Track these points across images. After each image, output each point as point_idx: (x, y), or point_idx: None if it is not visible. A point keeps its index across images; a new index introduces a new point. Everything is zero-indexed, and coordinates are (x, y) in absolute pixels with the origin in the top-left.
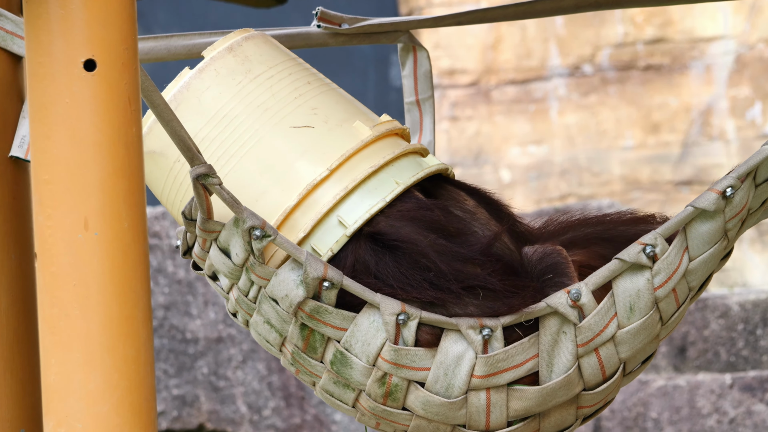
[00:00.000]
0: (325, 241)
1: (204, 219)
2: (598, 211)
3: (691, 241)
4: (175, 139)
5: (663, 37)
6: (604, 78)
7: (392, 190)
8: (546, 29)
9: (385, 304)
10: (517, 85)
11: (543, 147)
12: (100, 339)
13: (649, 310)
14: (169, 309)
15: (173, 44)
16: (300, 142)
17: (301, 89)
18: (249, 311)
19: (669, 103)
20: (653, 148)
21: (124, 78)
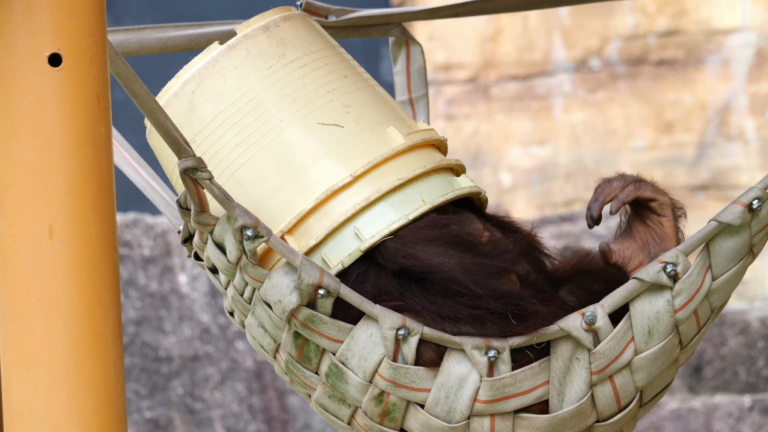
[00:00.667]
0: (337, 252)
1: (197, 211)
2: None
3: (714, 258)
4: (161, 131)
5: (677, 28)
6: (612, 73)
7: (417, 207)
8: (550, 20)
9: (384, 317)
10: (518, 80)
11: (546, 148)
12: (66, 356)
13: (668, 333)
14: (140, 324)
15: (146, 37)
16: (326, 140)
17: (336, 83)
18: (244, 312)
19: (683, 101)
20: (666, 149)
21: (92, 73)
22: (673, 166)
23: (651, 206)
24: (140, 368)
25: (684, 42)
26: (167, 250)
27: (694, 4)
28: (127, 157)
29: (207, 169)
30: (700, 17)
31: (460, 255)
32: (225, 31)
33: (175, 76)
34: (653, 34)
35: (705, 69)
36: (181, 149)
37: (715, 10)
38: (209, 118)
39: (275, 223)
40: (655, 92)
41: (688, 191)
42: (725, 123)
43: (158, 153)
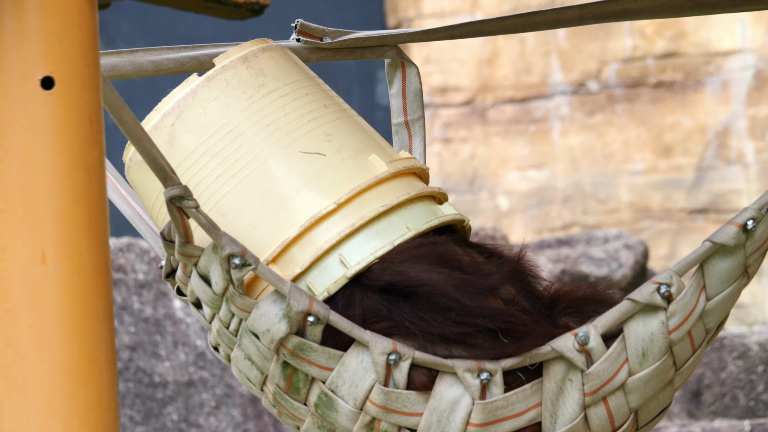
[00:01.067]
0: (322, 280)
1: (182, 242)
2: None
3: (708, 279)
4: (147, 159)
5: (675, 50)
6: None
7: (401, 234)
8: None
9: (375, 342)
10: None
11: (544, 171)
12: (59, 383)
13: (662, 355)
14: (135, 350)
15: (139, 60)
16: (308, 169)
17: (317, 112)
18: (230, 344)
19: (682, 123)
20: (665, 172)
21: (84, 97)
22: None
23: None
24: (134, 394)
25: (683, 64)
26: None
27: (693, 27)
28: (116, 185)
29: (193, 198)
30: (699, 39)
31: (447, 271)
32: (218, 53)
33: (154, 109)
34: (652, 57)
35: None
36: (167, 177)
37: (714, 32)
38: (190, 149)
39: (259, 253)
40: (654, 115)
41: (687, 214)
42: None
43: (138, 189)
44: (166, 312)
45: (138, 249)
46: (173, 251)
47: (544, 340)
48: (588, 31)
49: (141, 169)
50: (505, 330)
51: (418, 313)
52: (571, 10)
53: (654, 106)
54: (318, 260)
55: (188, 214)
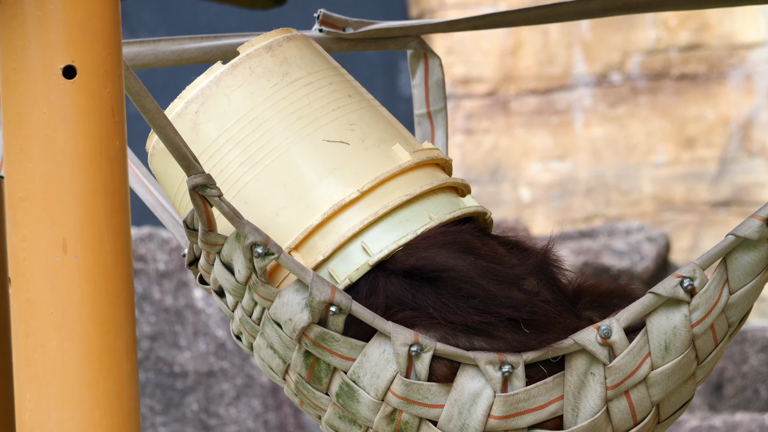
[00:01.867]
0: (344, 267)
1: (205, 231)
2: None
3: (731, 272)
4: (170, 147)
5: (699, 42)
6: (633, 87)
7: (425, 223)
8: (570, 33)
9: (396, 333)
10: (538, 94)
11: (566, 163)
12: (80, 372)
13: (685, 348)
14: (155, 339)
15: (161, 49)
16: (331, 157)
17: (341, 101)
18: (253, 333)
19: (705, 116)
20: (688, 164)
21: (107, 86)
22: (695, 182)
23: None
24: (155, 384)
25: (706, 56)
26: (182, 265)
27: (717, 18)
28: (138, 174)
29: (216, 186)
30: (722, 31)
31: (473, 259)
32: (240, 43)
33: (177, 97)
34: (675, 48)
35: (727, 84)
36: (191, 166)
37: (737, 25)
38: (213, 137)
39: (282, 241)
40: (677, 107)
41: (710, 207)
42: (747, 138)
43: (160, 178)
44: (187, 302)
45: (159, 239)
46: (196, 239)
47: (567, 333)
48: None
49: (164, 157)
50: (528, 321)
51: (441, 299)
52: (594, 2)
53: (677, 98)
54: (340, 248)
55: (211, 203)
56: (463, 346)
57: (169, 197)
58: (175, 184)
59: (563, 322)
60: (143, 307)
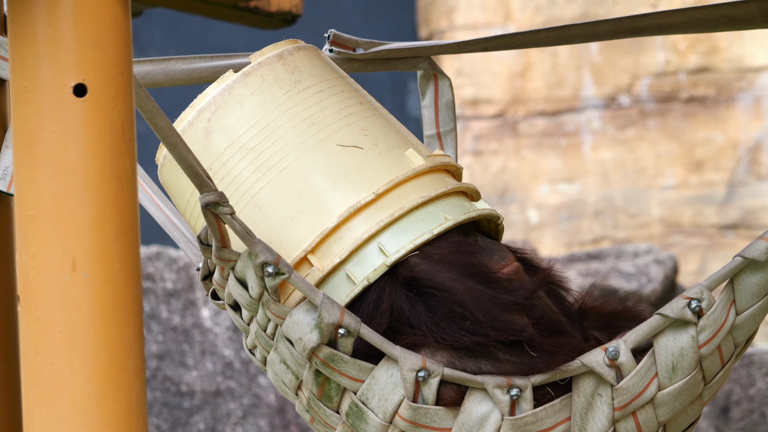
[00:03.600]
0: (361, 269)
1: (219, 247)
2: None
3: (738, 293)
4: (182, 164)
5: (708, 66)
6: (642, 110)
7: (441, 223)
8: (580, 56)
9: (404, 359)
10: (547, 116)
11: (575, 185)
12: (88, 391)
13: (692, 369)
14: (163, 359)
15: (171, 68)
16: (346, 162)
17: (353, 108)
18: (267, 347)
19: (714, 139)
20: (696, 187)
21: (117, 105)
22: (703, 205)
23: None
24: (162, 403)
25: (715, 80)
26: (190, 284)
27: (726, 42)
28: (149, 192)
29: (229, 204)
30: (732, 55)
31: (472, 283)
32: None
33: (189, 106)
34: (684, 72)
35: (736, 107)
36: (203, 183)
37: (747, 48)
38: (226, 144)
39: (298, 244)
40: (686, 130)
41: (718, 230)
42: (756, 162)
43: (170, 189)
44: (195, 321)
45: (167, 258)
46: (210, 255)
47: (574, 355)
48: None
49: (174, 168)
50: (533, 344)
51: (433, 319)
52: (604, 24)
53: (686, 121)
54: (357, 250)
55: (223, 220)
56: (470, 370)
57: (179, 208)
58: (185, 195)
59: (570, 344)
60: (151, 326)
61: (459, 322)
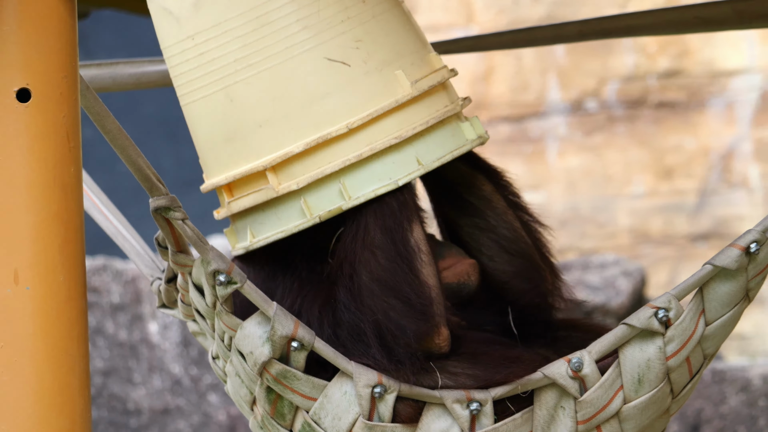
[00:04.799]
0: (318, 203)
1: (174, 252)
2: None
3: (708, 303)
4: (132, 168)
5: (679, 69)
6: (610, 115)
7: (409, 172)
8: (545, 59)
9: (359, 374)
10: (511, 122)
11: (540, 193)
12: (31, 409)
13: (659, 381)
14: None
15: (119, 72)
16: (328, 80)
17: (353, 10)
18: (225, 358)
19: (685, 145)
20: (666, 196)
21: (62, 110)
22: (674, 214)
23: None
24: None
25: (686, 84)
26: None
27: (698, 44)
28: (96, 201)
29: (181, 209)
30: (703, 58)
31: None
32: None
33: None
34: (654, 75)
35: (708, 112)
36: (153, 187)
37: (719, 51)
38: (214, 21)
39: (258, 153)
40: (655, 136)
41: (689, 240)
42: (728, 169)
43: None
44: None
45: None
46: (168, 258)
47: (536, 367)
48: (588, 48)
49: None
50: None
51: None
52: (571, 26)
53: (656, 127)
54: (318, 183)
55: (175, 226)
56: (427, 385)
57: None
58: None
59: (527, 356)
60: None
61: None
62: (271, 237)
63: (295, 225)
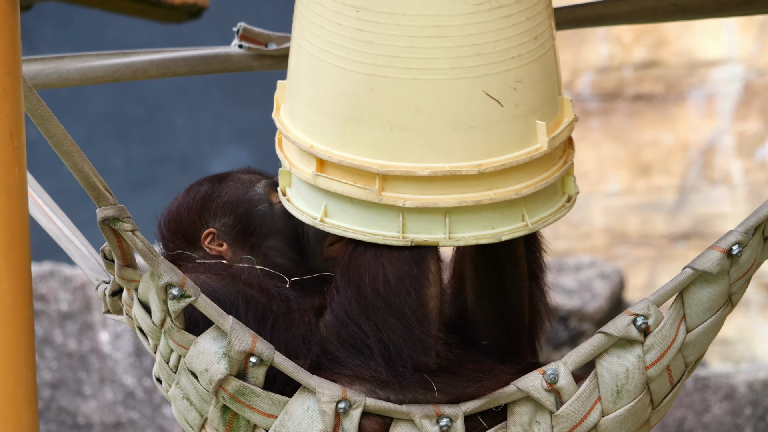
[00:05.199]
0: (416, 227)
1: (121, 266)
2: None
3: (689, 308)
4: (78, 175)
5: (656, 60)
6: (584, 109)
7: (513, 229)
8: None
9: (322, 389)
10: None
11: None
12: None
13: (639, 392)
14: (57, 387)
15: (65, 67)
16: (478, 113)
17: (524, 47)
18: (169, 381)
19: (662, 140)
20: (643, 193)
21: (5, 108)
22: (651, 213)
23: None
24: None
25: (663, 75)
26: (87, 305)
27: (675, 34)
28: (40, 203)
29: (130, 220)
30: (681, 48)
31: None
32: (153, 60)
33: None
34: (629, 67)
35: (687, 105)
36: (101, 196)
37: (698, 40)
38: (390, 9)
39: (376, 153)
40: (632, 130)
41: (668, 241)
42: (709, 165)
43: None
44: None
45: (61, 276)
46: (114, 271)
47: (508, 379)
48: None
49: None
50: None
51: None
52: None
53: (632, 121)
54: (424, 210)
55: (124, 237)
56: (395, 400)
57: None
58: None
59: (498, 368)
60: (44, 351)
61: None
62: (349, 231)
63: (382, 236)
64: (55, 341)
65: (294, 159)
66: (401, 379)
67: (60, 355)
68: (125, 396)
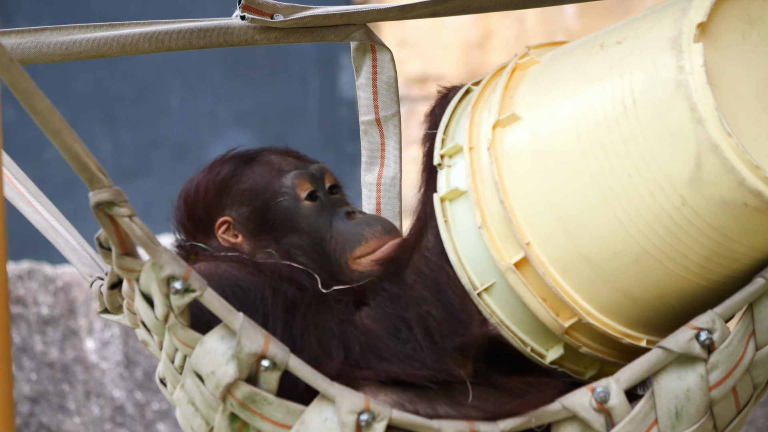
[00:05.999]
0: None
1: (119, 254)
2: None
3: (759, 323)
4: (68, 155)
5: None
6: None
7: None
8: (552, 21)
9: (342, 398)
10: None
11: None
12: None
13: (701, 416)
14: (37, 402)
15: (45, 41)
16: (676, 292)
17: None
18: (174, 382)
19: None
20: None
21: None
22: None
23: None
24: None
25: None
26: (71, 309)
27: None
28: (22, 191)
29: (127, 204)
30: None
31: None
32: (144, 33)
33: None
34: None
35: None
36: (94, 178)
37: None
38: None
39: (589, 299)
40: None
41: None
42: None
43: None
44: (77, 355)
45: (42, 276)
46: (111, 261)
47: (553, 396)
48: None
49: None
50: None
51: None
52: None
53: None
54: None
55: (120, 224)
56: (424, 413)
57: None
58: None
59: (545, 383)
60: (22, 361)
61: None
62: (503, 327)
63: (531, 348)
64: (35, 349)
65: (494, 221)
66: (440, 361)
67: (40, 366)
68: (113, 411)
